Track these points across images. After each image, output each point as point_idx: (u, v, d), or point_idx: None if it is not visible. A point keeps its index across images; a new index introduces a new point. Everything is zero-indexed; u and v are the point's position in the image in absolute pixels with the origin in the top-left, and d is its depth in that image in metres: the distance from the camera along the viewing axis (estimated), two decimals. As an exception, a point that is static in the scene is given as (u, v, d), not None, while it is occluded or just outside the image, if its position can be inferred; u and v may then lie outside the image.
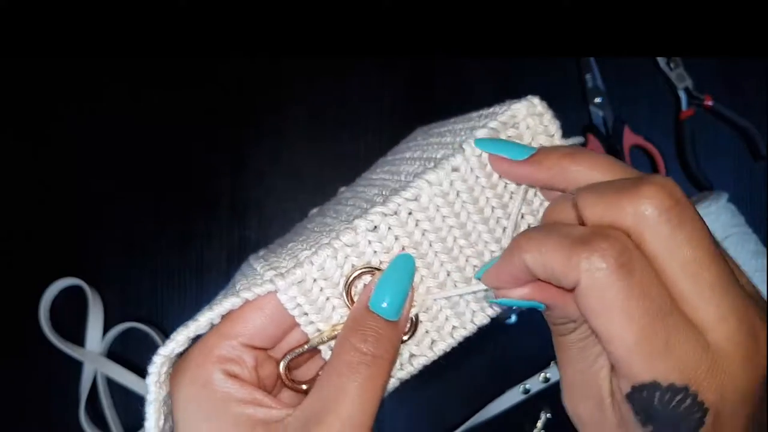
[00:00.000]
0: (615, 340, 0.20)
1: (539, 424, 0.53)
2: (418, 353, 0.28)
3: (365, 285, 0.26)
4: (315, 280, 0.26)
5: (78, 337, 0.52)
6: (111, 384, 0.53)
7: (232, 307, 0.26)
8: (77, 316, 0.52)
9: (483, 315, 0.28)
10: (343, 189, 0.43)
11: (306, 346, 0.26)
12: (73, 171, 0.53)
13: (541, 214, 0.28)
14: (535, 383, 0.52)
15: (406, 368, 0.28)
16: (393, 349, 0.25)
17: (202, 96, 0.54)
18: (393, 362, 0.25)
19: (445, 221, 0.27)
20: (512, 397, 0.52)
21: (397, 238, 0.26)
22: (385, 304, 0.25)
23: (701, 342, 0.20)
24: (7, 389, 0.53)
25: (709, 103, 0.53)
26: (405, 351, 0.28)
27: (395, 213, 0.26)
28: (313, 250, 0.26)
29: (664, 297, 0.20)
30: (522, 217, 0.27)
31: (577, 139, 0.28)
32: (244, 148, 0.54)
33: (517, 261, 0.23)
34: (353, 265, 0.26)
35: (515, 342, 0.53)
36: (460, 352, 0.29)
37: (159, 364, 0.26)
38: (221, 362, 0.25)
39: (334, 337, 0.26)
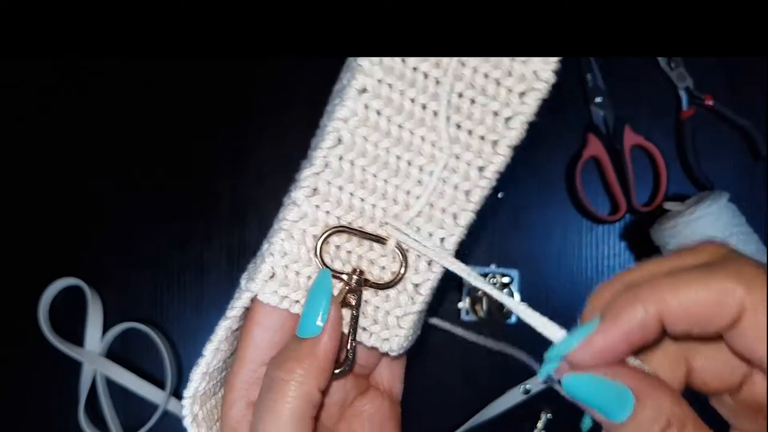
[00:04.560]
0: None
1: (539, 424, 0.52)
2: (421, 280, 0.26)
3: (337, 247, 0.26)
4: (286, 267, 0.25)
5: (78, 337, 0.52)
6: (110, 384, 0.53)
7: (227, 332, 0.26)
8: (77, 316, 0.52)
9: (464, 212, 0.26)
10: None
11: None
12: (73, 171, 0.53)
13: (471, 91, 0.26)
14: (535, 383, 0.52)
15: (417, 299, 0.26)
16: (309, 366, 0.24)
17: (202, 96, 0.54)
18: (316, 375, 0.24)
19: (379, 146, 0.25)
20: (512, 397, 0.52)
21: (341, 188, 0.25)
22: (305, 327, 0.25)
23: None
24: (7, 389, 0.53)
25: (710, 102, 0.53)
26: (408, 284, 0.26)
27: (326, 166, 0.25)
28: (270, 241, 0.26)
29: None
30: (461, 95, 0.25)
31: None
32: (244, 149, 0.54)
33: (636, 316, 0.18)
34: (314, 236, 0.25)
35: (515, 342, 0.53)
36: (460, 352, 0.29)
37: (188, 406, 0.26)
38: (245, 390, 0.26)
39: (346, 303, 0.26)
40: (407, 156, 0.25)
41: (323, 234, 0.25)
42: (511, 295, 0.51)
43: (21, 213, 0.53)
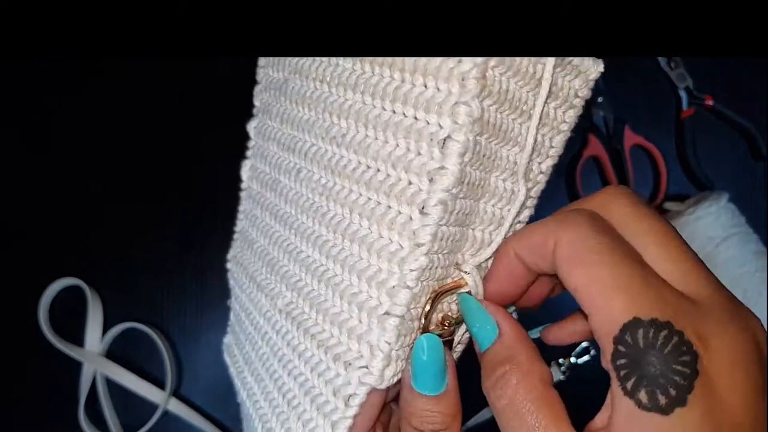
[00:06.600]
0: (592, 286, 0.20)
1: (539, 424, 0.52)
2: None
3: (441, 316, 0.26)
4: (398, 350, 0.24)
5: (78, 337, 0.52)
6: (110, 384, 0.53)
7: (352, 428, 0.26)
8: (77, 316, 0.52)
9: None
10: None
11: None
12: (73, 171, 0.53)
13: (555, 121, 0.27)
14: (535, 383, 0.52)
15: None
16: (446, 421, 0.25)
17: (202, 96, 0.54)
18: (454, 428, 0.25)
19: (467, 197, 0.24)
20: (512, 397, 0.52)
21: (439, 256, 0.24)
22: (426, 384, 0.25)
23: (676, 292, 0.20)
24: (7, 389, 0.53)
25: (710, 102, 0.53)
26: None
27: (431, 247, 0.23)
28: (378, 325, 0.24)
29: (637, 252, 0.21)
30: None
31: None
32: (244, 149, 0.54)
33: (505, 256, 0.25)
34: (421, 309, 0.25)
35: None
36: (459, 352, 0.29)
37: None
38: None
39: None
40: (492, 202, 0.26)
41: (426, 304, 0.25)
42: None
43: (21, 213, 0.53)
